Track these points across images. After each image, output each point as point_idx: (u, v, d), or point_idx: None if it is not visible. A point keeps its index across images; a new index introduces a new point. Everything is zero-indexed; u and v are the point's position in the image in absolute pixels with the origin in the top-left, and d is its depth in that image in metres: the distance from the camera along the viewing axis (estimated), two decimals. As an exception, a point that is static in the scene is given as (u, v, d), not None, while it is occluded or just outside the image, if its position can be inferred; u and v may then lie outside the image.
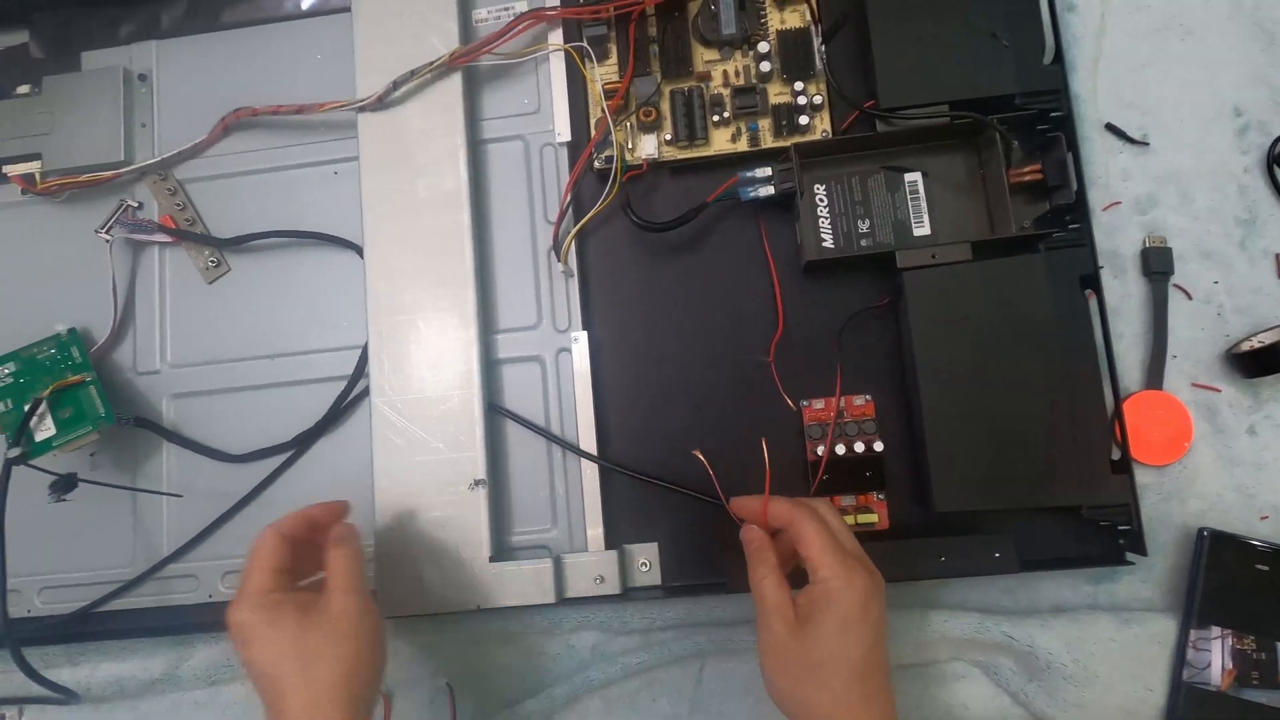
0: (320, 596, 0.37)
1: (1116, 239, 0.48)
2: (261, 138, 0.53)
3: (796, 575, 0.38)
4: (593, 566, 0.45)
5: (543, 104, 0.51)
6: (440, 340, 0.47)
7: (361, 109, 0.49)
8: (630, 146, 0.49)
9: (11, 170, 0.52)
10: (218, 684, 0.49)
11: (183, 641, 0.49)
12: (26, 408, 0.46)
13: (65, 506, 0.50)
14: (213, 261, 0.52)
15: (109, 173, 0.52)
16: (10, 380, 0.49)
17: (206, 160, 0.53)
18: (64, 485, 0.51)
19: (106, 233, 0.51)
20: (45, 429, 0.47)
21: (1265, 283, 0.47)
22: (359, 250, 0.50)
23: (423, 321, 0.47)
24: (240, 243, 0.51)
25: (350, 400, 0.49)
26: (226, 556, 0.49)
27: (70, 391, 0.48)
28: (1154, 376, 0.46)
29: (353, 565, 0.38)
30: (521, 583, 0.45)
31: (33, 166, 0.52)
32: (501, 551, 0.46)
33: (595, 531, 0.46)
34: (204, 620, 0.49)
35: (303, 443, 0.50)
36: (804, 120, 0.48)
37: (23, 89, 0.54)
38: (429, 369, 0.47)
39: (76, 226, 0.53)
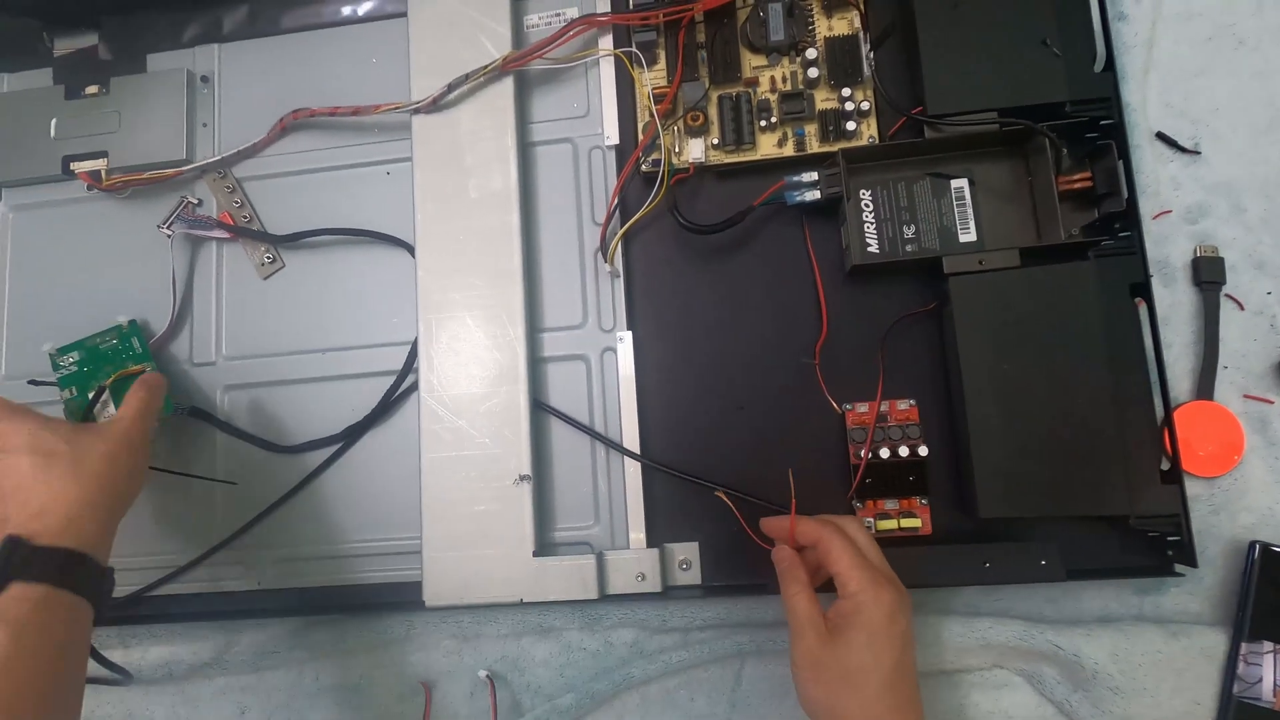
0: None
1: (1166, 248, 0.48)
2: (317, 138, 0.54)
3: (828, 588, 0.39)
4: (634, 564, 0.46)
5: (592, 108, 0.52)
6: (487, 337, 0.48)
7: (416, 111, 0.50)
8: (677, 150, 0.50)
9: (79, 167, 0.54)
10: (263, 670, 0.50)
11: (230, 627, 0.51)
12: (90, 395, 0.48)
13: (121, 492, 0.52)
14: (268, 258, 0.54)
15: (171, 170, 0.54)
16: (75, 369, 0.50)
17: (264, 159, 0.55)
18: (121, 472, 0.52)
19: (168, 228, 0.53)
20: (107, 416, 0.48)
21: (1320, 294, 0.46)
22: (410, 249, 0.51)
23: (471, 319, 0.48)
24: (295, 239, 0.53)
25: (399, 395, 0.50)
26: (275, 545, 0.50)
27: (131, 380, 0.49)
28: (1204, 387, 0.46)
29: (144, 401, 0.44)
30: (564, 577, 0.45)
31: (99, 164, 0.54)
32: (544, 546, 0.47)
33: (637, 529, 0.47)
34: (252, 607, 0.50)
35: (351, 435, 0.51)
36: (851, 126, 0.49)
37: (91, 89, 0.56)
38: (476, 365, 0.48)
39: (138, 222, 0.55)
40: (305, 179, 0.54)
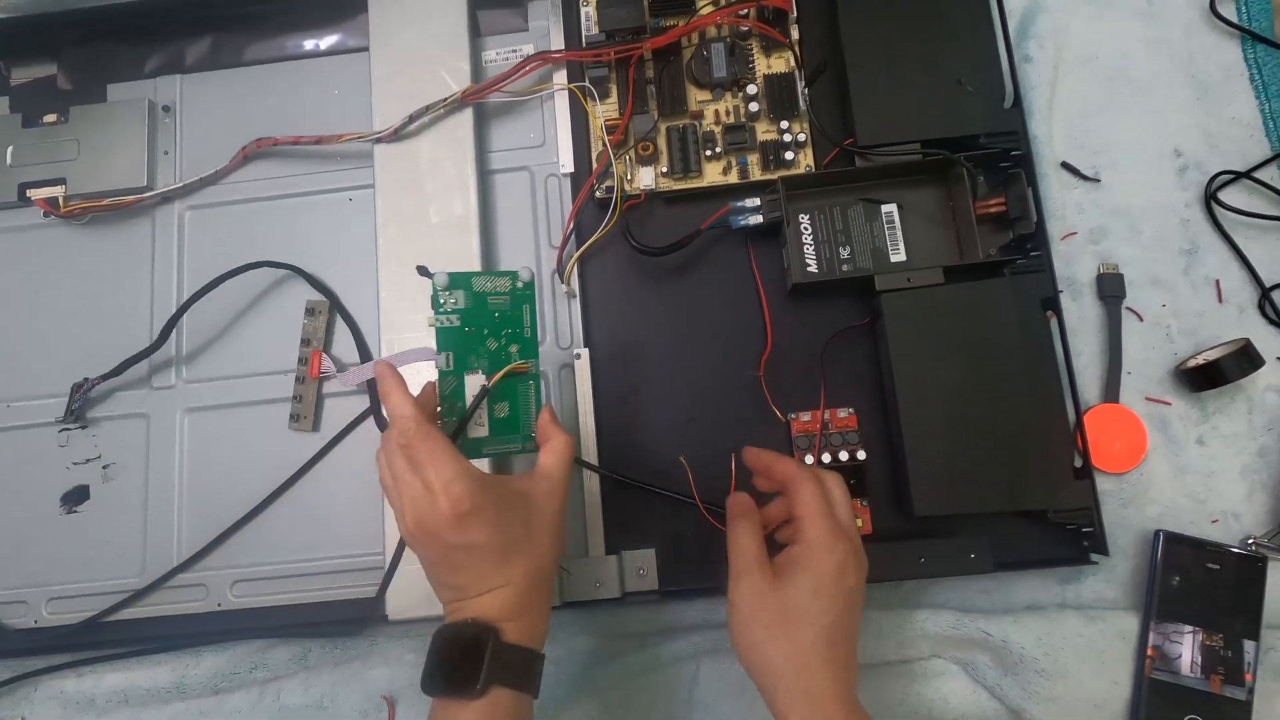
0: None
1: (1074, 266, 0.52)
2: (279, 166, 0.56)
3: (772, 547, 0.39)
4: (592, 571, 0.48)
5: (547, 137, 0.55)
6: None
7: (378, 140, 0.52)
8: (629, 178, 0.53)
9: (35, 194, 0.55)
10: (222, 692, 0.50)
11: (191, 651, 0.50)
12: (470, 395, 0.39)
13: (75, 516, 0.52)
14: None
15: (131, 197, 0.55)
16: (456, 319, 0.39)
17: (226, 186, 0.56)
18: (76, 497, 0.52)
19: (73, 422, 0.52)
20: (479, 424, 0.40)
21: (1207, 306, 0.51)
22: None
23: (431, 339, 0.50)
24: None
25: (361, 415, 0.52)
26: (236, 565, 0.51)
27: (516, 382, 0.40)
28: (1111, 391, 0.50)
29: (569, 462, 0.39)
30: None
31: (56, 190, 0.55)
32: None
33: (595, 538, 0.49)
34: (211, 630, 0.50)
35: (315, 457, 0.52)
36: (789, 155, 0.53)
37: (49, 118, 0.56)
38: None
39: (97, 248, 0.55)
40: (267, 205, 0.55)
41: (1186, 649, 0.46)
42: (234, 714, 0.50)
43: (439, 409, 0.40)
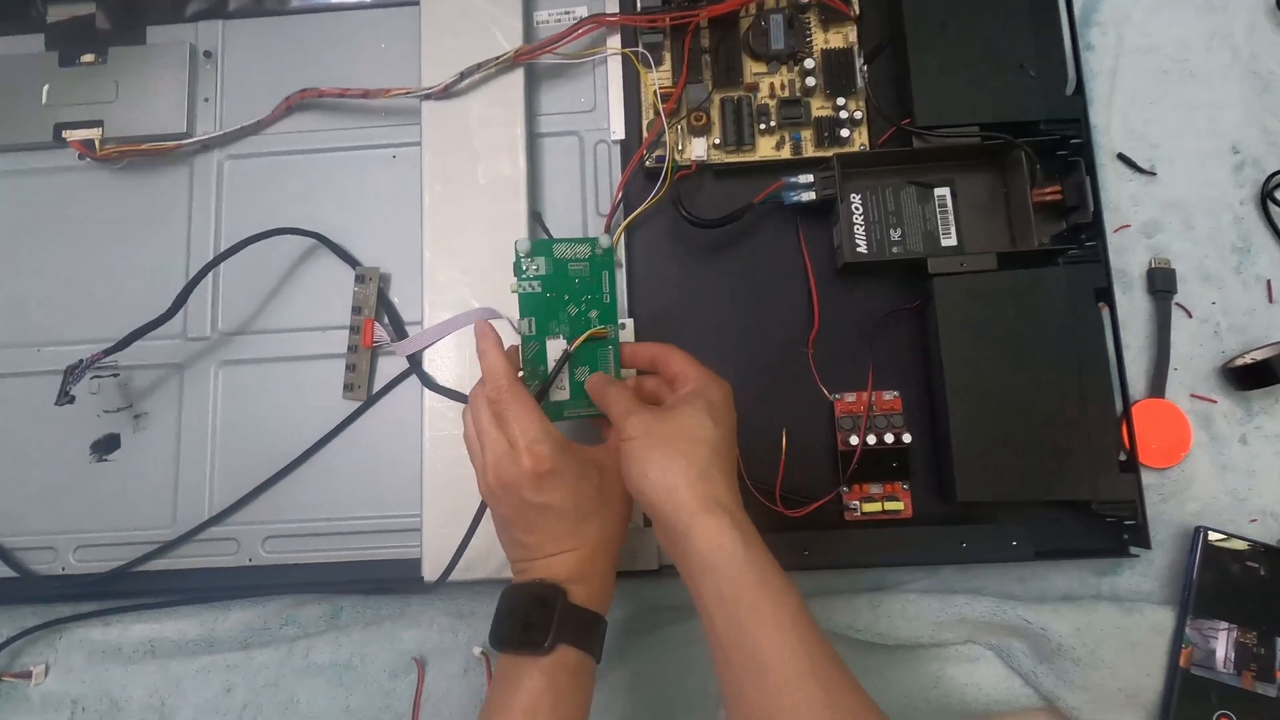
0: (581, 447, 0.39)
1: (1125, 258, 0.52)
2: (322, 119, 0.55)
3: None
4: (630, 542, 0.47)
5: (598, 103, 0.54)
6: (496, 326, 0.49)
7: (426, 96, 0.51)
8: (680, 148, 0.52)
9: (71, 135, 0.53)
10: (251, 648, 0.50)
11: (218, 605, 0.50)
12: (553, 362, 0.40)
13: (105, 465, 0.51)
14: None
15: (171, 143, 0.53)
16: (538, 285, 0.39)
17: (267, 137, 0.55)
18: (106, 445, 0.52)
19: (68, 399, 0.48)
20: (560, 387, 0.41)
21: (1258, 305, 0.51)
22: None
23: (476, 300, 0.49)
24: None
25: (402, 373, 0.51)
26: (269, 521, 0.50)
27: (598, 347, 0.41)
28: (1157, 386, 0.50)
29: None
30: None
31: (93, 133, 0.54)
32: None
33: (635, 510, 0.48)
34: (242, 584, 0.50)
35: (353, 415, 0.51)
36: (844, 133, 0.52)
37: (87, 58, 0.55)
38: (481, 347, 0.49)
39: (133, 194, 0.54)
40: (309, 158, 0.54)
41: (1221, 645, 0.46)
42: (262, 669, 0.49)
43: (521, 373, 0.40)
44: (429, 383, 0.49)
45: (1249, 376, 0.49)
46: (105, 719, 0.49)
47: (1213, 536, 0.47)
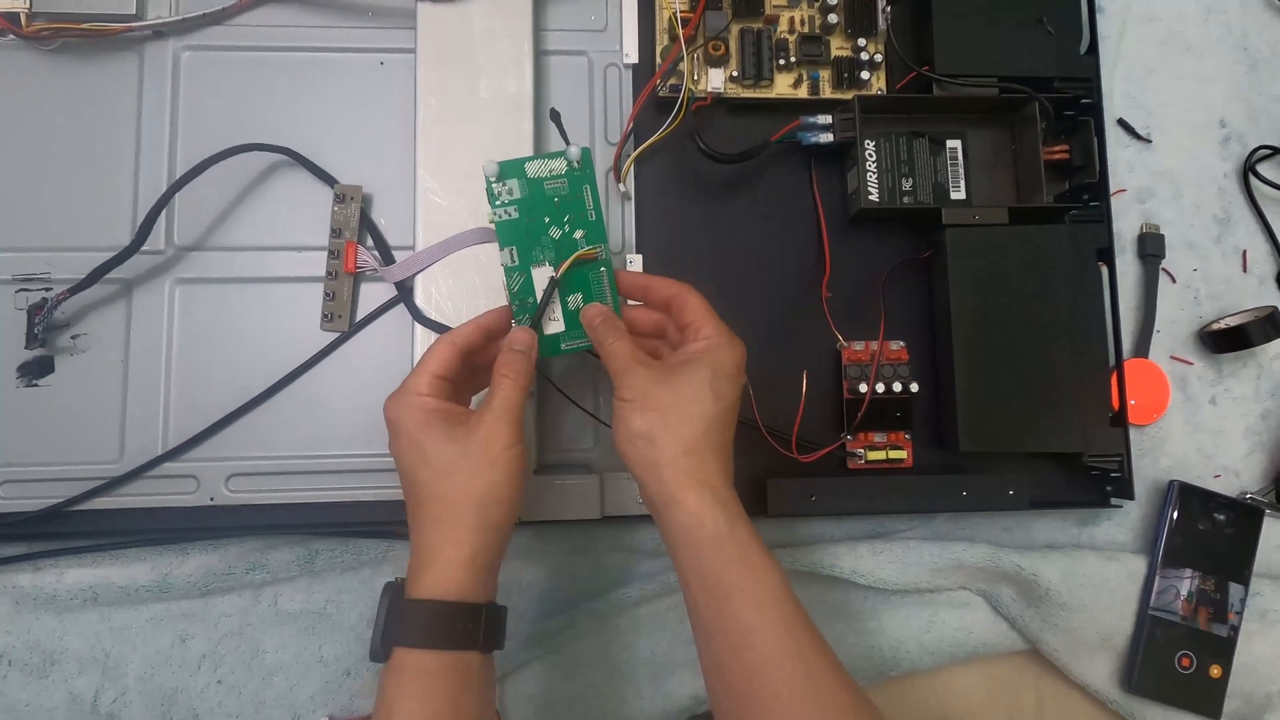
0: (474, 414, 0.36)
1: (1118, 222, 0.53)
2: (299, 13, 0.49)
3: None
4: (635, 486, 0.46)
5: (610, 23, 0.50)
6: (494, 252, 0.45)
7: (424, -3, 0.47)
8: (696, 78, 0.49)
9: (-9, 6, 0.46)
10: (211, 594, 0.45)
11: (176, 548, 0.45)
12: (540, 289, 0.37)
13: (36, 391, 0.45)
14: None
15: (117, 25, 0.46)
16: (514, 210, 0.37)
17: (232, 29, 0.48)
18: (36, 369, 0.45)
19: (40, 344, 0.44)
20: (553, 319, 0.38)
21: (1234, 275, 0.54)
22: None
23: (474, 225, 0.45)
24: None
25: (389, 301, 0.47)
26: (234, 457, 0.45)
27: (587, 269, 0.38)
28: (1142, 347, 0.52)
29: (513, 391, 0.36)
30: (566, 496, 0.44)
31: (17, 4, 0.46)
32: (544, 466, 0.46)
33: (638, 453, 0.47)
34: (202, 525, 0.45)
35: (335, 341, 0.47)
36: (864, 75, 0.50)
37: (11, -86, 0.47)
38: (478, 275, 0.45)
39: (69, 80, 0.47)
40: (282, 57, 0.48)
41: (1184, 590, 0.49)
42: (223, 617, 0.45)
43: (512, 306, 0.38)
44: (419, 317, 0.45)
45: (1223, 340, 0.51)
46: (39, 673, 0.44)
47: (1185, 490, 0.50)
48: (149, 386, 0.45)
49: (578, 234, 0.38)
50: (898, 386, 0.48)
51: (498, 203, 0.37)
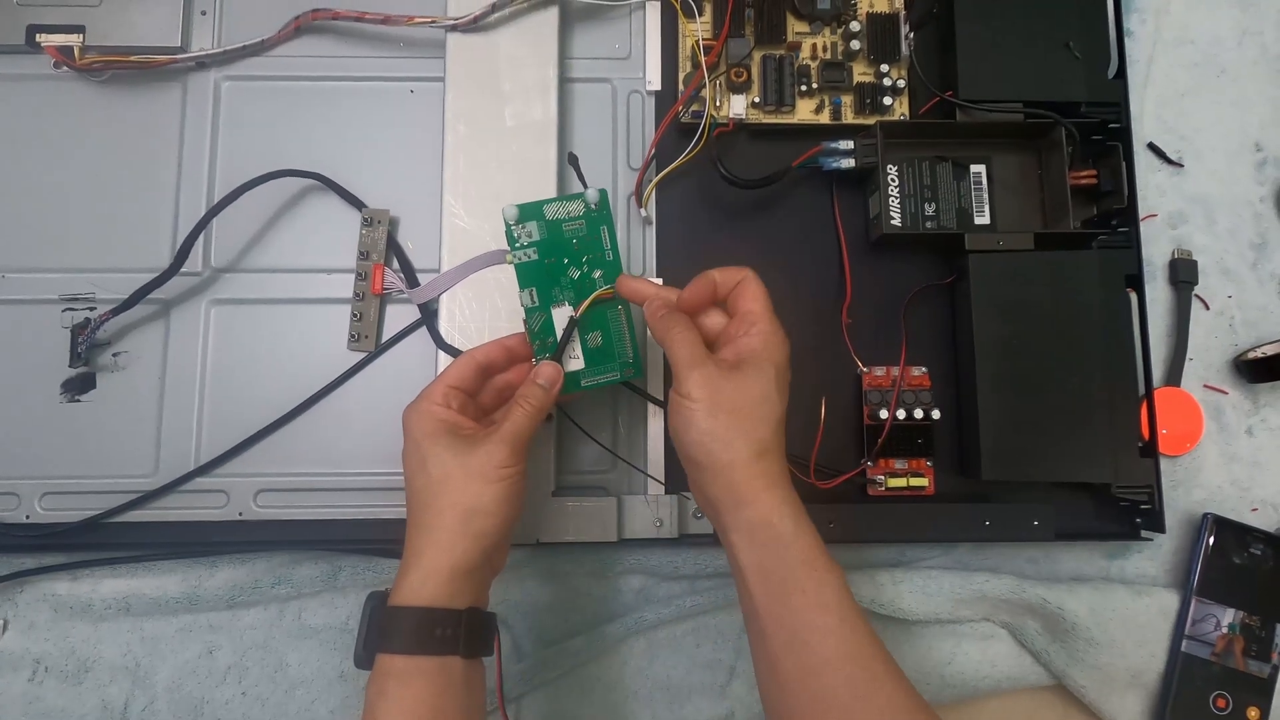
0: (481, 431, 0.37)
1: (1149, 248, 0.52)
2: (334, 44, 0.50)
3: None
4: (653, 510, 0.46)
5: (634, 51, 0.51)
6: (514, 272, 0.46)
7: (453, 28, 0.48)
8: (718, 104, 0.50)
9: (47, 40, 0.48)
10: (237, 607, 0.47)
11: (205, 561, 0.47)
12: (560, 333, 0.38)
13: (78, 406, 0.47)
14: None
15: (163, 58, 0.48)
16: (533, 252, 0.38)
17: (270, 59, 0.50)
18: (79, 385, 0.47)
19: (83, 361, 0.46)
20: (573, 356, 0.39)
21: (1271, 302, 0.52)
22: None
23: (498, 249, 0.46)
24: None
25: (413, 323, 0.48)
26: (263, 473, 0.47)
27: (604, 310, 0.39)
28: (1174, 375, 0.51)
29: (524, 419, 0.36)
30: (583, 519, 0.45)
31: (72, 39, 0.48)
32: (562, 488, 0.46)
33: (656, 476, 0.47)
34: (231, 540, 0.46)
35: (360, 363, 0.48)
36: (886, 101, 0.50)
37: (68, -46, 0.49)
38: (501, 298, 0.46)
39: (117, 111, 0.49)
40: (315, 87, 0.50)
41: (1221, 629, 0.47)
42: (248, 630, 0.46)
43: (533, 345, 0.39)
44: (440, 341, 0.46)
45: (1262, 369, 0.50)
46: (72, 680, 0.46)
47: (1220, 524, 0.48)
48: (184, 403, 0.47)
49: (596, 274, 0.39)
50: (919, 413, 0.48)
51: (517, 245, 0.38)
